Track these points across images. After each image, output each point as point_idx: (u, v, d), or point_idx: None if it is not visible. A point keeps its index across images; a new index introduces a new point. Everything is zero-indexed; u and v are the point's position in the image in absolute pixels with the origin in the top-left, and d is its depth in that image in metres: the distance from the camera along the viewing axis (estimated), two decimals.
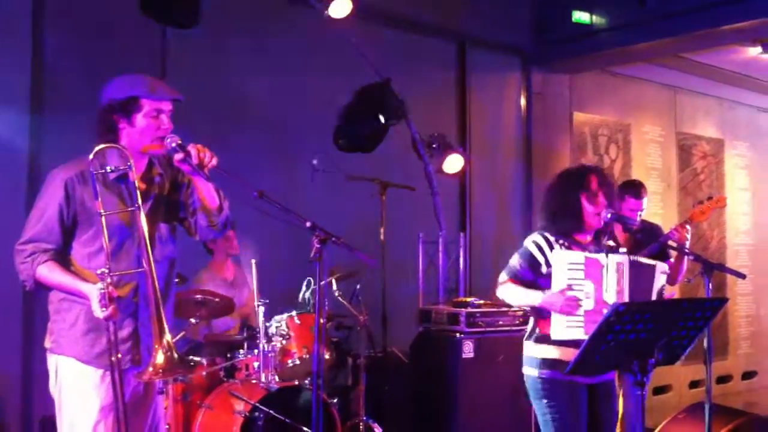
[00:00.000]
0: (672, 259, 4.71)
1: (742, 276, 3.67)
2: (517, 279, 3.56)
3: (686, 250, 4.17)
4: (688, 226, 4.52)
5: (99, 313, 2.68)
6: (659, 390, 8.15)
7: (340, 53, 5.95)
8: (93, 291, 2.69)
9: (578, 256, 3.43)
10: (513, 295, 3.57)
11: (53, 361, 2.89)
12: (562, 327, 3.39)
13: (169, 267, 3.03)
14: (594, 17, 7.07)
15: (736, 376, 9.36)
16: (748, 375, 9.55)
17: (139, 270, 2.81)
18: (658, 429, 4.73)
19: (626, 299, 3.40)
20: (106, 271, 2.68)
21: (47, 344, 2.91)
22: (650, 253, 4.30)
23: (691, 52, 7.55)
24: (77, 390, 2.83)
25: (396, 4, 6.42)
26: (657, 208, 8.45)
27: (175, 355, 2.70)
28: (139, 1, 5.06)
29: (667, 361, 3.03)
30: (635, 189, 5.00)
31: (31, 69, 4.92)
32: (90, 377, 2.82)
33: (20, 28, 4.90)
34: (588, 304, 3.38)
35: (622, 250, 3.55)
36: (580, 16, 7.08)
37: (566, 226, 3.55)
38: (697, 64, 7.89)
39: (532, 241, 3.57)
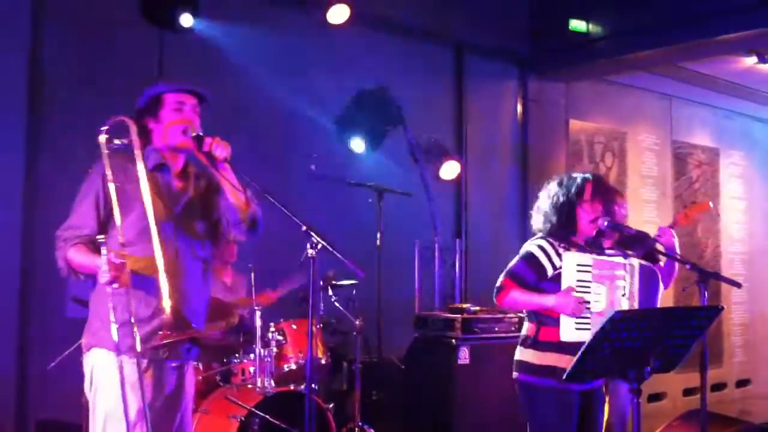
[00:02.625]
0: (661, 263, 4.69)
1: (738, 285, 3.68)
2: (518, 282, 3.54)
3: (676, 255, 4.17)
4: (672, 230, 4.51)
5: (101, 278, 2.67)
6: (653, 397, 8.17)
7: (338, 57, 5.97)
8: (101, 261, 2.68)
9: (587, 258, 3.46)
10: (521, 299, 3.55)
11: (89, 359, 2.88)
12: (572, 329, 3.41)
13: (203, 266, 3.06)
14: (590, 26, 7.11)
15: (730, 384, 9.39)
16: (742, 383, 9.57)
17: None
18: None
19: (636, 302, 3.43)
20: (104, 238, 2.70)
21: (83, 341, 2.92)
22: (639, 255, 4.30)
23: (687, 62, 7.59)
24: (115, 385, 2.74)
25: (394, 10, 6.43)
26: (652, 216, 8.47)
27: (184, 315, 2.73)
28: (139, 3, 5.09)
29: (662, 369, 3.04)
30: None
31: (28, 71, 4.92)
32: (129, 370, 2.75)
33: (19, 30, 4.91)
34: (597, 307, 3.41)
35: (630, 253, 3.59)
36: (577, 25, 7.11)
37: (560, 232, 3.58)
38: (693, 73, 7.92)
39: (536, 246, 3.57)
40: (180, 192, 3.03)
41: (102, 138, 2.80)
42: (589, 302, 3.41)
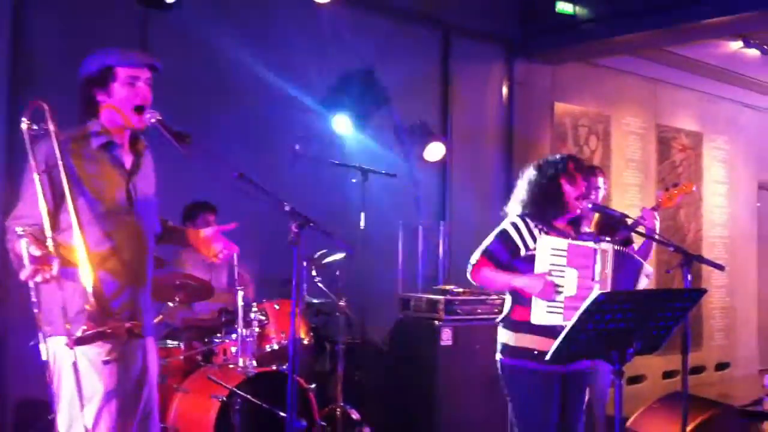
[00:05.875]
0: (635, 246, 4.69)
1: (721, 267, 3.69)
2: (492, 260, 3.57)
3: (656, 236, 4.18)
4: (656, 213, 4.51)
5: (21, 274, 2.52)
6: (633, 379, 8.22)
7: (324, 37, 5.92)
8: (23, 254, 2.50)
9: (562, 242, 3.47)
10: (492, 277, 3.57)
11: (50, 346, 2.73)
12: (543, 312, 3.43)
13: (154, 243, 3.01)
14: (577, 8, 7.08)
15: (709, 367, 9.47)
16: (721, 366, 9.67)
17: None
18: (632, 418, 4.77)
19: (609, 288, 3.43)
20: (26, 230, 2.52)
21: (42, 329, 2.76)
22: (620, 238, 4.31)
23: (673, 45, 7.58)
24: (81, 371, 2.65)
25: None
26: (635, 200, 8.50)
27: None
28: None
29: (645, 351, 3.05)
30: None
31: (10, 50, 4.84)
32: (91, 357, 2.69)
33: (1, 7, 4.82)
34: (569, 291, 3.41)
35: (607, 238, 3.59)
36: (564, 7, 7.08)
37: (547, 212, 3.59)
38: (679, 57, 7.92)
39: (510, 223, 3.60)
40: (134, 168, 2.92)
41: (23, 125, 2.62)
42: (561, 286, 3.42)
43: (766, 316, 10.52)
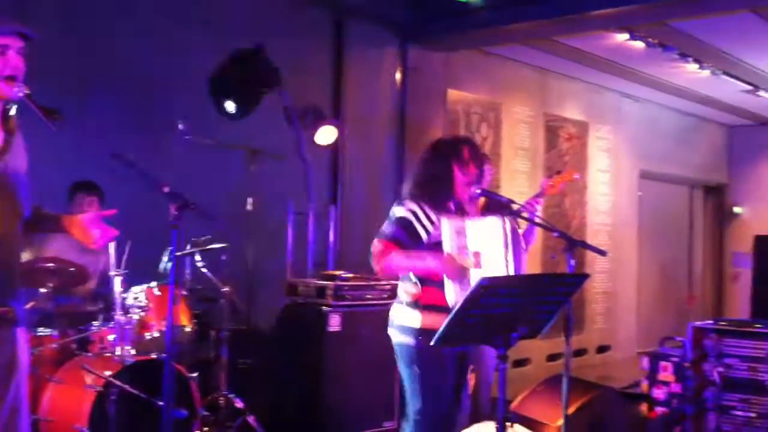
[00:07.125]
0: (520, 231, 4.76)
1: (603, 253, 3.76)
2: (398, 245, 3.45)
3: (541, 222, 4.24)
4: (540, 199, 4.60)
5: None
6: (518, 363, 8.40)
7: (211, 14, 5.72)
8: None
9: (463, 223, 3.43)
10: (405, 263, 3.45)
11: None
12: (458, 292, 3.34)
13: (26, 229, 2.81)
14: None
15: (591, 349, 9.79)
16: (602, 349, 10.00)
17: None
18: (517, 400, 4.85)
19: (511, 263, 3.43)
20: None
21: None
22: None
23: (561, 36, 7.72)
24: None
25: None
26: (523, 187, 8.65)
27: None
28: None
29: (529, 335, 3.06)
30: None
31: None
32: None
33: None
34: (477, 270, 3.38)
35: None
36: None
37: (436, 194, 3.53)
38: (567, 48, 8.09)
39: (408, 211, 3.49)
40: (5, 146, 2.71)
41: None
42: (470, 266, 3.37)
43: (645, 300, 10.97)
